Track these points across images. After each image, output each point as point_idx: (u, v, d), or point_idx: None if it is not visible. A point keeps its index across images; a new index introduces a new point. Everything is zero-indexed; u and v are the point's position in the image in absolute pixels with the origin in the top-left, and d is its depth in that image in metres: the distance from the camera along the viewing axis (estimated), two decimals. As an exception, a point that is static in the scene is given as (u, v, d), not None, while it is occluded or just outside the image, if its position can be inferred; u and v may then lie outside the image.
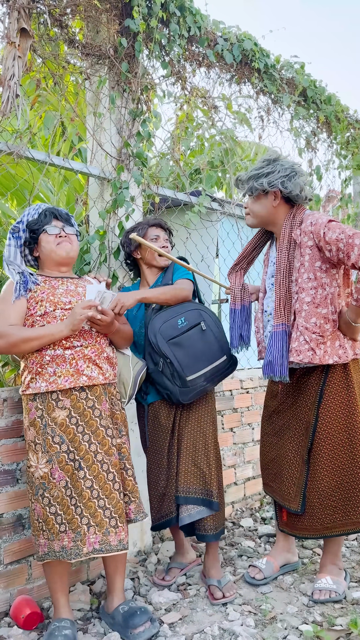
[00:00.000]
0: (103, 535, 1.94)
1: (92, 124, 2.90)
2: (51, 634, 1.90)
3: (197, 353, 2.29)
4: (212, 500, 2.28)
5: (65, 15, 2.67)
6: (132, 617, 1.99)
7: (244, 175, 2.32)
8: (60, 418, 1.98)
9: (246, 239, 3.77)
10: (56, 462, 1.95)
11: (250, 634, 1.97)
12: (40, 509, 1.95)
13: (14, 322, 2.04)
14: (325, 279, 2.18)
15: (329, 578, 2.26)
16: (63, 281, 2.19)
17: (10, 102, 2.29)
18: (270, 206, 2.29)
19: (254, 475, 3.50)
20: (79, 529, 1.93)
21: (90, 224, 2.96)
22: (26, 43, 2.38)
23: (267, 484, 2.49)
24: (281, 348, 2.19)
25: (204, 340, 2.33)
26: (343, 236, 2.06)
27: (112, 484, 2.00)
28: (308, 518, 2.26)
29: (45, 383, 1.99)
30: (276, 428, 2.44)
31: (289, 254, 2.24)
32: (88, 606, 2.27)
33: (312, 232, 2.17)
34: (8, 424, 2.22)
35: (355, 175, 4.92)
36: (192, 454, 2.31)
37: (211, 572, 2.35)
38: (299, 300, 2.20)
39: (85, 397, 2.02)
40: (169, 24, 3.03)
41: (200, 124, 3.97)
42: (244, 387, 3.49)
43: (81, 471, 1.96)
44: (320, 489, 2.23)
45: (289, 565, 2.50)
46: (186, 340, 2.29)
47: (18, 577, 2.22)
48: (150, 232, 2.51)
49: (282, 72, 3.94)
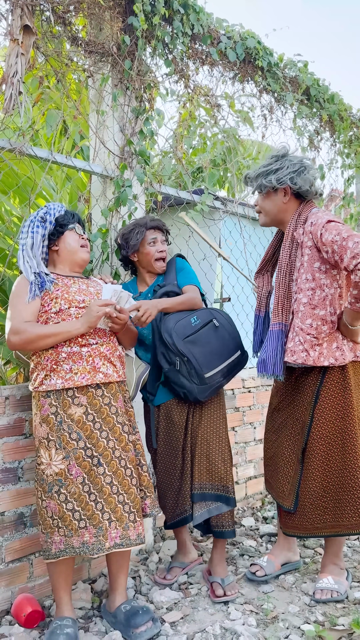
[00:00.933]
0: (123, 530, 1.97)
1: (95, 122, 2.89)
2: (53, 633, 1.90)
3: (214, 350, 2.31)
4: (229, 496, 2.29)
5: (68, 13, 2.67)
6: (134, 617, 1.98)
7: (252, 173, 2.31)
8: (77, 415, 1.99)
9: (249, 237, 3.76)
10: (73, 459, 1.95)
11: (252, 634, 1.96)
12: (55, 505, 1.94)
13: (28, 319, 2.04)
14: (324, 280, 2.16)
15: (331, 578, 2.26)
16: (75, 280, 2.20)
17: (13, 99, 2.29)
18: (281, 203, 2.27)
19: (256, 475, 3.50)
20: (101, 524, 1.94)
21: (93, 222, 2.95)
22: (29, 40, 2.37)
23: (267, 480, 2.50)
24: (275, 347, 2.21)
25: (218, 336, 2.34)
26: (338, 238, 2.03)
27: (130, 480, 2.02)
28: (299, 517, 2.26)
29: (61, 380, 1.99)
30: (275, 425, 2.44)
31: (290, 253, 2.22)
32: (89, 605, 2.27)
33: (311, 233, 2.15)
34: (10, 422, 2.22)
35: (358, 174, 4.91)
36: (207, 450, 2.32)
37: (217, 570, 2.35)
38: (297, 301, 2.19)
39: (101, 395, 2.03)
40: (172, 21, 3.02)
41: (202, 123, 3.96)
42: (246, 386, 3.48)
43: (100, 467, 1.97)
44: (311, 489, 2.23)
45: (290, 564, 2.50)
46: (201, 337, 2.30)
47: (19, 576, 2.22)
48: (148, 235, 2.49)
49: (285, 71, 3.93)
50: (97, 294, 2.19)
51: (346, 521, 2.18)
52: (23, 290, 2.08)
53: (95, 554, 1.93)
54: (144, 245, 2.49)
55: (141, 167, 2.92)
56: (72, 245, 2.21)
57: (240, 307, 3.73)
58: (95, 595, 2.36)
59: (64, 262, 2.22)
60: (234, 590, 2.26)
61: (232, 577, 2.34)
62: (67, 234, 2.21)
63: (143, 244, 2.49)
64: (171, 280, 2.47)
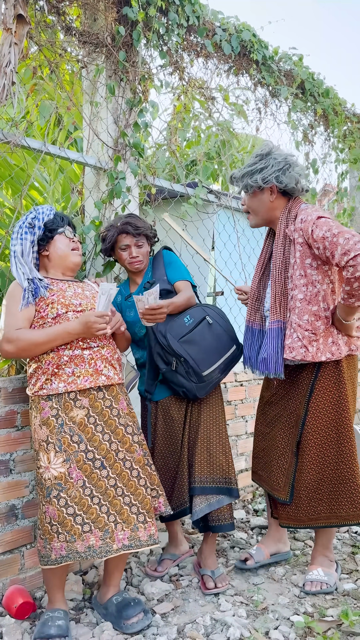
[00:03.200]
0: (132, 531, 1.95)
1: (89, 114, 2.87)
2: (44, 624, 1.91)
3: (209, 347, 2.31)
4: (231, 487, 2.30)
5: (62, 2, 2.64)
6: (125, 608, 1.99)
7: (237, 173, 2.30)
8: (79, 417, 1.97)
9: (242, 231, 3.76)
10: (74, 462, 1.93)
11: (242, 625, 1.98)
12: (54, 511, 1.89)
13: (21, 327, 2.01)
14: (315, 276, 2.16)
15: (320, 570, 2.28)
16: (70, 284, 2.18)
17: (6, 89, 2.26)
18: (268, 201, 2.27)
19: (247, 468, 3.51)
20: (107, 526, 1.92)
21: (86, 214, 2.94)
22: (23, 30, 2.35)
23: (255, 472, 2.51)
24: (276, 345, 2.20)
25: (213, 333, 2.34)
26: (329, 234, 2.04)
27: (137, 480, 2.01)
28: (294, 508, 2.28)
29: (63, 384, 1.98)
30: (268, 419, 2.45)
31: (284, 250, 2.22)
32: (80, 596, 2.28)
33: (301, 230, 2.15)
34: (1, 414, 2.21)
35: (352, 169, 4.91)
36: (207, 444, 2.32)
37: (207, 562, 2.36)
38: (293, 298, 2.19)
39: (102, 397, 2.03)
40: (168, 12, 3.00)
41: (197, 115, 3.94)
42: (238, 379, 3.49)
43: (104, 470, 1.96)
44: (307, 481, 2.24)
45: (280, 554, 2.52)
46: (196, 336, 2.30)
47: (11, 567, 2.22)
48: (120, 240, 2.43)
49: (280, 64, 3.92)
50: (93, 297, 2.17)
51: (342, 512, 2.20)
52: (17, 297, 2.05)
53: (103, 557, 1.90)
54: (115, 249, 2.46)
55: (135, 160, 2.91)
56: (63, 249, 2.18)
57: (233, 300, 3.74)
58: (86, 586, 2.37)
59: (55, 267, 2.20)
60: (224, 582, 2.27)
61: (222, 569, 2.36)
62: (57, 238, 2.18)
63: (115, 248, 2.46)
64: (160, 276, 2.43)
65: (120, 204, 2.81)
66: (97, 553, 1.90)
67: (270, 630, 1.95)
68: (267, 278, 2.41)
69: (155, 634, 1.97)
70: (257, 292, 2.40)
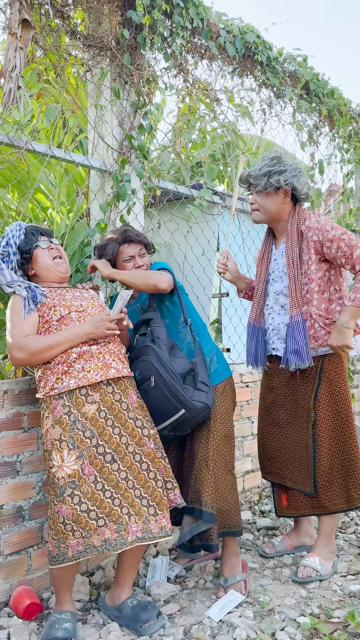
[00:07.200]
0: (143, 524, 1.97)
1: (94, 116, 2.89)
2: (51, 626, 1.91)
3: (153, 407, 2.16)
4: (202, 509, 2.18)
5: (66, 6, 2.66)
6: (143, 612, 2.01)
7: (256, 171, 2.37)
8: (91, 412, 1.99)
9: (247, 233, 3.76)
10: (87, 457, 1.94)
11: (248, 625, 1.98)
12: (68, 510, 1.89)
13: (28, 333, 2.04)
14: (323, 264, 2.34)
15: (317, 559, 2.37)
16: (67, 289, 2.22)
17: (12, 93, 2.28)
18: (280, 203, 2.38)
19: (253, 469, 3.51)
20: (121, 519, 1.94)
21: (91, 217, 2.95)
22: (28, 34, 2.36)
23: (273, 472, 2.58)
24: (304, 336, 2.30)
25: (155, 396, 2.14)
26: (345, 237, 2.22)
27: (147, 474, 2.03)
28: (316, 498, 2.41)
29: (74, 380, 2.00)
30: (277, 419, 2.54)
31: (299, 246, 2.34)
32: (87, 597, 2.29)
33: (317, 229, 2.29)
34: (8, 416, 2.23)
35: (357, 169, 4.90)
36: (189, 464, 2.30)
37: (223, 569, 2.34)
38: (309, 290, 2.32)
39: (112, 391, 2.05)
40: (172, 15, 3.01)
41: (202, 117, 3.95)
42: (244, 381, 3.49)
43: (115, 464, 1.98)
44: (323, 469, 2.37)
45: (305, 547, 2.63)
46: (142, 393, 2.17)
47: (18, 568, 2.24)
48: (123, 251, 2.40)
49: (284, 65, 3.92)
50: (92, 298, 2.22)
51: (356, 494, 2.36)
52: (18, 306, 2.07)
53: (119, 550, 1.92)
54: (119, 261, 2.42)
55: (140, 162, 2.92)
56: (45, 262, 2.19)
57: (238, 301, 3.74)
58: (93, 587, 2.38)
59: (46, 278, 2.22)
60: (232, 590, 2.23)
61: (238, 577, 2.29)
62: (36, 254, 2.18)
63: (118, 260, 2.42)
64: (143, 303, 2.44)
65: (125, 207, 2.82)
66: (112, 546, 1.92)
67: (277, 632, 1.95)
68: (268, 275, 2.53)
69: (161, 635, 1.97)
70: (263, 289, 2.51)
